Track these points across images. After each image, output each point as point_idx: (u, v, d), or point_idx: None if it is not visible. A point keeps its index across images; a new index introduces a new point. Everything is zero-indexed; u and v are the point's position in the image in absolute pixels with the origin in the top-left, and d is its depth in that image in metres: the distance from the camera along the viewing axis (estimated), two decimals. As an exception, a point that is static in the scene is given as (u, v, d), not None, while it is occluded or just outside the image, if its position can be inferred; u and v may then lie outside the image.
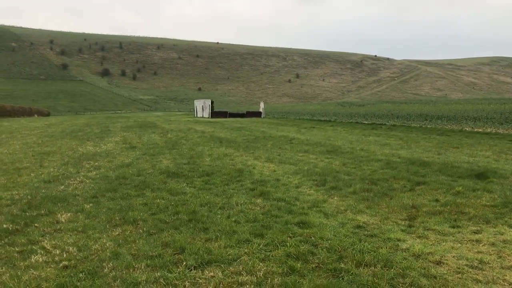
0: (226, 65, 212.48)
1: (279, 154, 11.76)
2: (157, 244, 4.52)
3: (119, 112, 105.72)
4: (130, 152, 12.53)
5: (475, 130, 19.94)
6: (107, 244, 4.55)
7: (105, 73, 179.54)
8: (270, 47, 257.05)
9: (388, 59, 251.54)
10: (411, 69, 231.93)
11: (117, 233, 4.96)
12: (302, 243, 4.47)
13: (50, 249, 4.45)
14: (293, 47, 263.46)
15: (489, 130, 19.63)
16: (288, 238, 4.64)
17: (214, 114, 45.81)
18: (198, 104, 53.48)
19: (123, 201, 6.47)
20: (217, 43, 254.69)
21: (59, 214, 5.72)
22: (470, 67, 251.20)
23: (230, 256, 4.17)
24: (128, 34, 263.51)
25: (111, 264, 4.01)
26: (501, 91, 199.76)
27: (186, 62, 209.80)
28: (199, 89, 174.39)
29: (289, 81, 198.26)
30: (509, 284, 3.53)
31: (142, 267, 3.94)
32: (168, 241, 4.60)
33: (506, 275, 3.69)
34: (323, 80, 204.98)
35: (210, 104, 47.50)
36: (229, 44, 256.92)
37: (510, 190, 6.77)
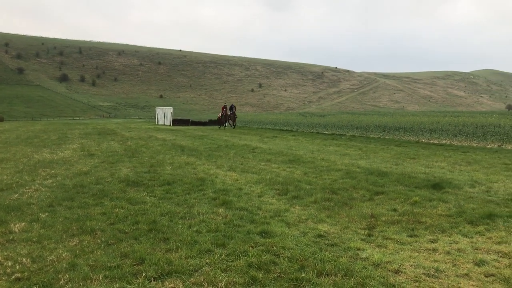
0: (188, 73, 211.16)
1: (242, 163, 11.75)
2: (116, 255, 4.40)
3: (78, 118, 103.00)
4: (89, 160, 12.20)
5: (431, 141, 20.60)
6: (63, 255, 4.40)
7: (64, 79, 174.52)
8: (233, 56, 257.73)
9: (348, 71, 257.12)
10: (370, 81, 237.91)
11: (74, 243, 4.80)
12: (264, 252, 4.47)
13: (2, 260, 4.26)
14: (256, 57, 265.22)
15: (444, 141, 20.33)
16: (250, 248, 4.63)
17: (176, 122, 45.35)
18: (160, 111, 52.83)
19: (80, 210, 6.29)
20: (180, 50, 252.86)
21: (12, 224, 5.48)
22: (426, 81, 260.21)
23: (191, 267, 4.12)
24: (88, 39, 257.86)
25: (67, 276, 3.87)
26: (455, 104, 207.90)
27: (147, 69, 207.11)
28: (161, 96, 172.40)
29: (252, 90, 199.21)
30: (464, 292, 3.65)
31: (100, 278, 3.83)
32: (127, 251, 4.49)
33: (460, 283, 3.81)
34: (285, 90, 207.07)
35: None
36: (192, 52, 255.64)
37: (464, 200, 7.02)
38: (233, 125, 37.02)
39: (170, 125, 44.16)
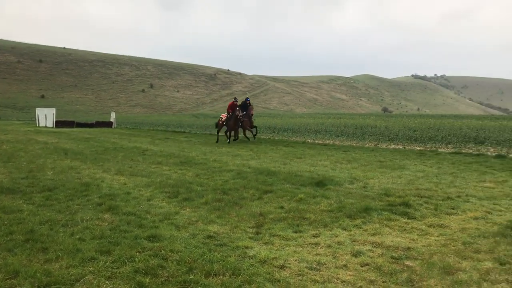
0: (73, 72, 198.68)
1: (131, 166, 11.38)
2: (-15, 270, 4.00)
3: None
4: (-46, 166, 10.92)
5: (316, 142, 21.79)
6: None
7: None
8: (123, 56, 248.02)
9: (240, 73, 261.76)
10: (261, 84, 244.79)
11: None
12: (152, 257, 4.37)
13: None
14: (147, 57, 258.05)
15: (327, 141, 21.63)
16: (137, 253, 4.50)
17: (59, 123, 42.53)
18: (41, 112, 49.14)
19: None
20: (64, 48, 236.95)
21: None
22: (312, 84, 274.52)
23: (73, 277, 3.89)
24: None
25: None
26: (338, 107, 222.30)
27: (27, 67, 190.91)
28: (42, 96, 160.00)
29: (143, 91, 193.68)
30: (342, 282, 3.91)
31: (-35, 298, 3.45)
32: (-2, 265, 4.10)
33: (339, 274, 4.08)
34: (178, 91, 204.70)
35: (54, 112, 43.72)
36: (77, 50, 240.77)
37: (344, 196, 7.53)
38: (254, 135, 22.64)
39: (52, 127, 41.28)
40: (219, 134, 22.41)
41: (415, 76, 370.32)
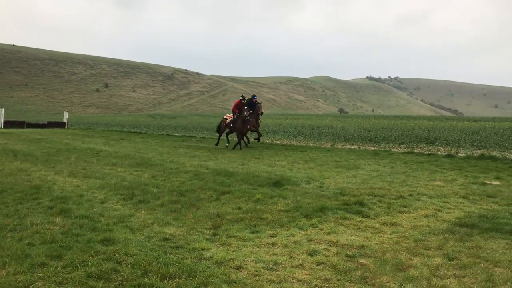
0: (23, 70, 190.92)
1: (84, 168, 11.06)
2: None
3: None
4: None
5: (274, 142, 21.95)
6: None
7: None
8: (77, 54, 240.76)
9: (198, 73, 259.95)
10: (219, 85, 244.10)
11: None
12: (105, 261, 4.26)
13: None
14: (101, 56, 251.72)
15: (285, 142, 21.82)
16: (90, 257, 4.37)
17: (8, 124, 40.81)
18: (-12, 112, 46.96)
19: None
20: (13, 45, 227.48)
21: None
22: (270, 85, 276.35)
23: (21, 284, 3.73)
24: None
25: None
26: (295, 108, 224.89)
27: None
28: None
29: (98, 90, 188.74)
30: (298, 281, 3.94)
31: None
32: None
33: (295, 273, 4.11)
34: (134, 91, 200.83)
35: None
36: (28, 47, 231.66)
37: (301, 195, 7.61)
38: (257, 138, 19.84)
39: (0, 128, 39.55)
40: (221, 137, 19.98)
41: (370, 78, 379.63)
